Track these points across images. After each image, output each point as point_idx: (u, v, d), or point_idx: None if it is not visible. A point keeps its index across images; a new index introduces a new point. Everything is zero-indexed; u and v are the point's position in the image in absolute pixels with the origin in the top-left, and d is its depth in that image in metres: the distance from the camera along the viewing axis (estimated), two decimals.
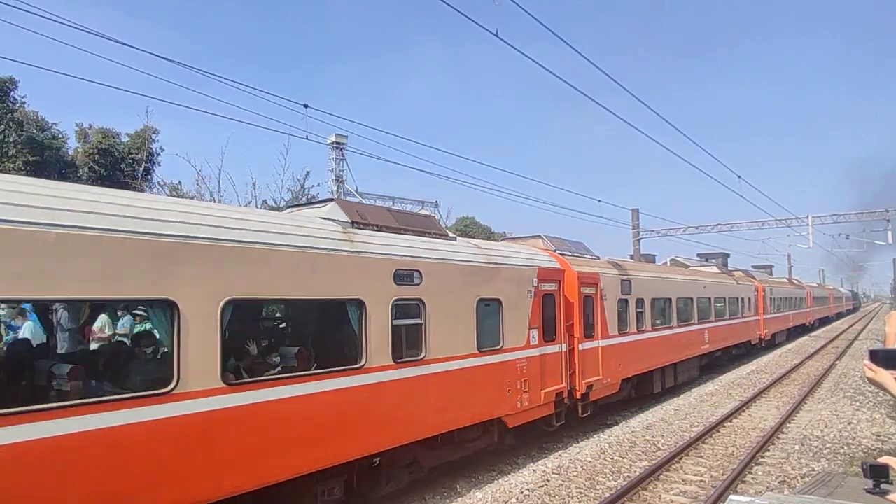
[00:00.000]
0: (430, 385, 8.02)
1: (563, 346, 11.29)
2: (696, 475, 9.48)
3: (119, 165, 26.18)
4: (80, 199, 4.95)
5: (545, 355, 10.66)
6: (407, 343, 7.75)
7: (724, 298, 22.25)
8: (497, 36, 10.29)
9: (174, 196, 26.05)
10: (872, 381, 2.44)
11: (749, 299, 25.86)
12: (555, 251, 12.42)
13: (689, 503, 8.22)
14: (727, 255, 32.70)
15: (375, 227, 7.87)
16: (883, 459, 1.74)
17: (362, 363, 7.04)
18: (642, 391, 15.42)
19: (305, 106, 14.10)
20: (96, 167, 25.28)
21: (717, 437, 11.90)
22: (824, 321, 55.43)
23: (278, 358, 6.68)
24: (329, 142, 46.13)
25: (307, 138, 14.89)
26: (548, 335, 10.78)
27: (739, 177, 28.00)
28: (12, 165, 21.99)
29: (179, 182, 27.92)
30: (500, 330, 9.54)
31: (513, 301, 9.87)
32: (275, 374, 6.38)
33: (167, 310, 5.33)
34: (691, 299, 18.63)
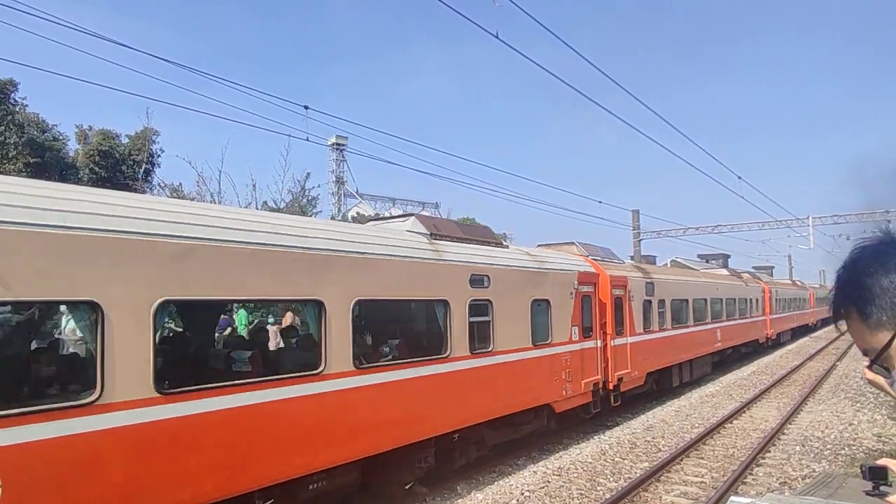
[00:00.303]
0: (496, 373, 9.35)
1: (598, 341, 12.58)
2: (696, 476, 9.48)
3: (120, 167, 26.21)
4: (265, 223, 6.54)
5: (584, 350, 11.98)
6: (479, 337, 9.06)
7: (735, 299, 23.26)
8: (497, 37, 10.30)
9: (175, 197, 26.08)
10: (872, 383, 2.44)
11: (756, 300, 26.88)
12: (588, 256, 13.63)
13: None
14: (728, 256, 32.74)
15: (449, 238, 9.20)
16: (882, 461, 1.74)
17: (448, 353, 8.38)
18: (662, 385, 16.49)
19: (306, 107, 14.13)
20: (97, 169, 25.31)
21: (718, 439, 11.89)
22: (826, 321, 55.87)
23: (387, 348, 8.02)
24: (329, 143, 46.17)
25: (307, 139, 14.94)
26: (586, 332, 12.07)
27: (740, 177, 28.06)
28: (13, 167, 22.01)
29: (180, 184, 27.91)
30: (549, 327, 10.84)
31: (558, 301, 11.18)
32: (387, 360, 7.74)
33: (316, 308, 6.67)
34: (705, 300, 19.77)
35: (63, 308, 6.33)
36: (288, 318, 10.78)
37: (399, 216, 10.78)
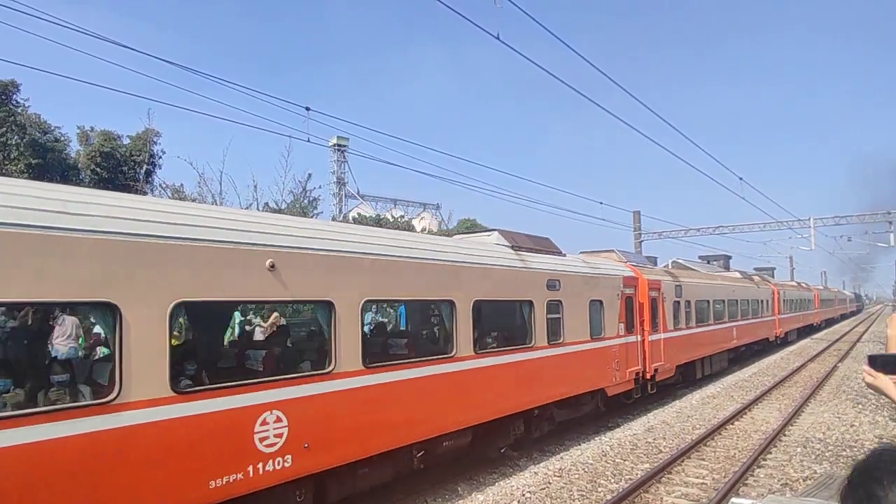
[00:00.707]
0: (566, 361, 11.32)
1: (638, 337, 14.54)
2: (697, 477, 9.47)
3: (121, 168, 26.24)
4: (412, 240, 8.66)
5: (628, 343, 13.93)
6: (553, 331, 10.98)
7: (748, 300, 25.14)
8: (498, 38, 10.31)
9: (177, 199, 26.07)
10: (872, 387, 2.45)
11: (767, 301, 28.75)
12: (627, 262, 15.50)
13: None
14: (729, 258, 32.73)
15: (525, 249, 11.04)
16: None
17: (533, 343, 10.39)
18: (686, 377, 18.48)
19: (307, 109, 14.16)
20: (98, 170, 25.34)
21: (719, 440, 11.88)
22: (830, 322, 56.95)
23: (490, 339, 9.95)
24: (331, 144, 46.19)
25: (309, 141, 14.97)
26: (629, 328, 13.99)
27: (741, 179, 27.99)
28: (14, 168, 22.04)
29: (182, 184, 27.95)
30: (602, 323, 12.79)
31: (609, 302, 13.13)
32: (492, 348, 9.74)
33: (452, 306, 8.61)
34: (724, 301, 21.71)
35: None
36: (272, 318, 11.21)
37: (483, 231, 13.13)
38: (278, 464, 5.96)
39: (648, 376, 14.80)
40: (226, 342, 8.65)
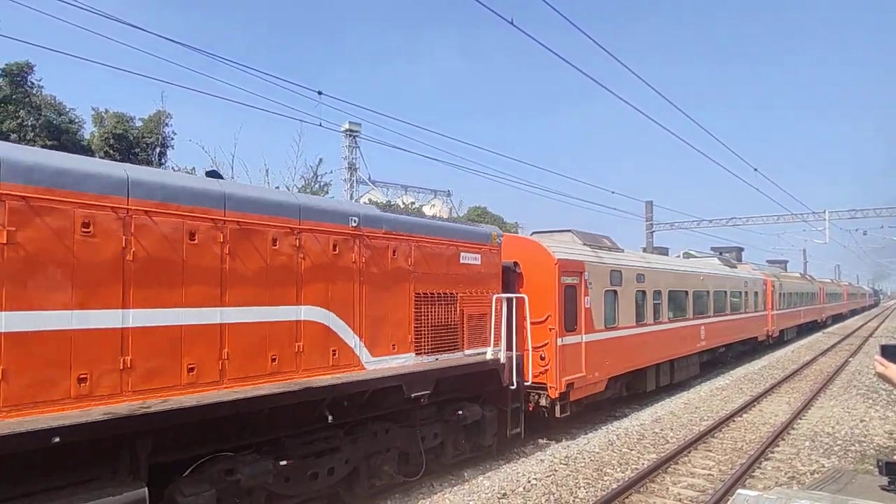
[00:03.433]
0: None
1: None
2: (704, 469, 9.46)
3: (133, 150, 26.40)
4: (669, 261, 18.90)
5: (755, 317, 24.97)
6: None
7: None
8: (512, 24, 10.18)
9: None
10: (882, 377, 2.42)
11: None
12: (764, 271, 21.80)
13: (697, 496, 8.20)
14: (741, 249, 32.34)
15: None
16: None
17: (690, 315, 17.51)
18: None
19: (319, 93, 14.09)
20: (111, 151, 25.51)
21: (727, 432, 11.85)
22: (838, 318, 54.22)
23: (672, 312, 16.37)
24: (343, 129, 46.10)
25: (320, 125, 14.95)
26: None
27: (756, 169, 27.57)
28: None
29: (193, 168, 28.09)
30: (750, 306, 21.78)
31: (754, 291, 23.00)
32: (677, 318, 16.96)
33: (686, 293, 17.66)
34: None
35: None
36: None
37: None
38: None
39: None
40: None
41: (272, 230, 6.38)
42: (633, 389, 14.56)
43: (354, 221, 7.36)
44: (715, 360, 21.05)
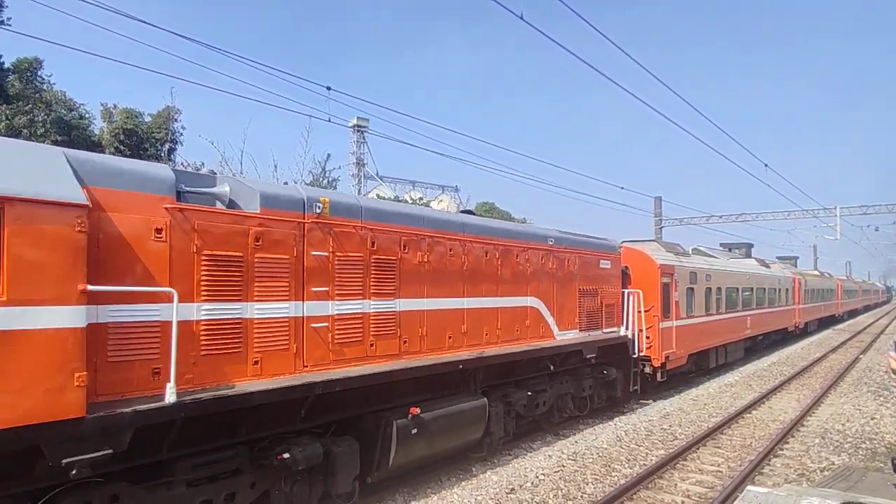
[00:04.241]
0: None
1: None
2: (713, 465, 9.43)
3: (143, 145, 26.53)
4: (726, 263, 22.78)
5: (786, 310, 28.72)
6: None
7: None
8: (522, 18, 10.14)
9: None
10: None
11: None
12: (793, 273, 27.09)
13: (706, 493, 8.17)
14: (751, 246, 32.18)
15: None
16: None
17: (740, 308, 21.54)
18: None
19: (328, 88, 14.17)
20: (121, 147, 25.64)
21: (736, 428, 11.80)
22: (853, 313, 56.30)
23: (728, 304, 19.96)
24: (351, 124, 46.14)
25: (329, 121, 15.00)
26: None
27: (766, 165, 27.35)
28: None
29: (202, 164, 28.22)
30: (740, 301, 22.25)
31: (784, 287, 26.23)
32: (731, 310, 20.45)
33: (737, 289, 21.80)
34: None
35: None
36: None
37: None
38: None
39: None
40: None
41: (514, 248, 10.04)
42: (700, 366, 18.23)
43: (551, 241, 11.01)
44: (755, 347, 24.34)
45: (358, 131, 46.57)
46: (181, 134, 28.11)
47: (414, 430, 7.40)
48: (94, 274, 4.58)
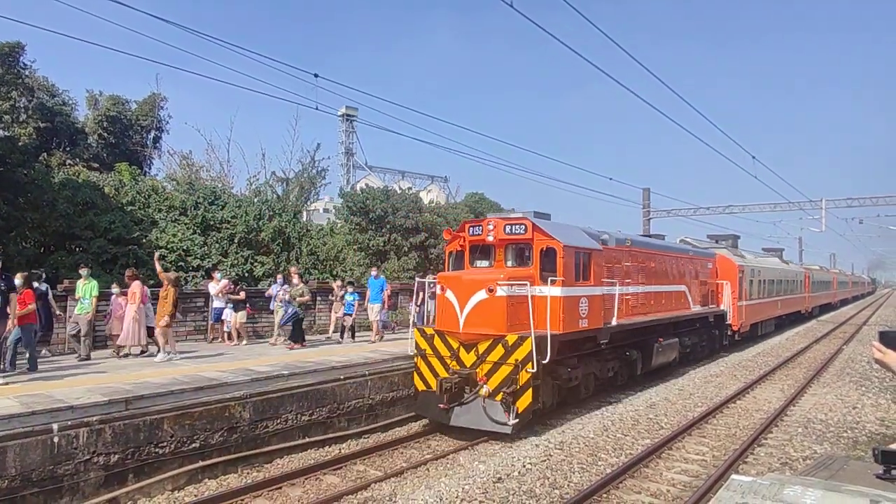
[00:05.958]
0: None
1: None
2: (698, 454, 9.54)
3: (128, 133, 26.13)
4: (763, 261, 31.71)
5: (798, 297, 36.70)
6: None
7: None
8: (512, 6, 10.06)
9: (185, 164, 25.94)
10: (880, 363, 2.41)
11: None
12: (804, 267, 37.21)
13: (691, 481, 8.27)
14: (737, 237, 32.38)
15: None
16: None
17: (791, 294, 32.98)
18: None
19: (315, 75, 13.90)
20: (105, 134, 25.25)
21: (721, 418, 11.94)
22: (843, 302, 64.44)
23: (768, 291, 28.18)
24: (340, 113, 45.78)
25: (317, 108, 14.83)
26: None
27: (754, 157, 27.53)
28: (24, 131, 21.99)
29: (190, 151, 27.89)
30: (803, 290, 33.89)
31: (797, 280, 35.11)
32: (759, 297, 26.67)
33: (770, 280, 29.84)
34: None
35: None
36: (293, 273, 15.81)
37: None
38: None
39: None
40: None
41: (676, 258, 17.98)
42: (753, 333, 25.72)
43: (690, 252, 19.37)
44: (781, 324, 32.05)
45: (347, 120, 46.22)
46: (167, 122, 27.74)
47: (660, 349, 15.22)
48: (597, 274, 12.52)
